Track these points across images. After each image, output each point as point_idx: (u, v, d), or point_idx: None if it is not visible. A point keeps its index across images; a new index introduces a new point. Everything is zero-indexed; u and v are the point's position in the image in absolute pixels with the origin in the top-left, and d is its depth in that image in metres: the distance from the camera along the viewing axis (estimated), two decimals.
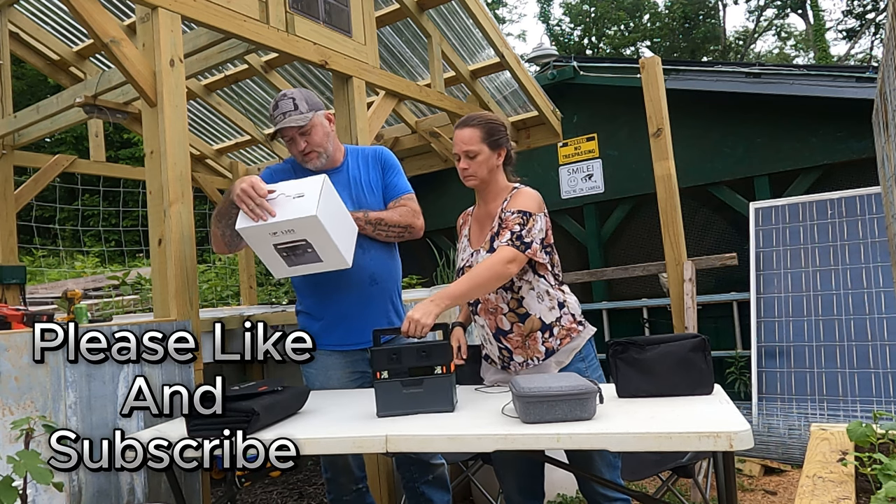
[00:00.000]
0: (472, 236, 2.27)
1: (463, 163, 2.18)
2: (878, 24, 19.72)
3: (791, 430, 4.00)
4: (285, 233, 2.05)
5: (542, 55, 7.18)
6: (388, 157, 2.51)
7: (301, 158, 2.36)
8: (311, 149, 2.33)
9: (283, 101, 2.30)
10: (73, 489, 1.96)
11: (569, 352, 2.14)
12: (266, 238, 2.08)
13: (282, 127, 2.29)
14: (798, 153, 5.21)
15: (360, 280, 2.31)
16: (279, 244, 2.08)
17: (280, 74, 4.68)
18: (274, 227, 2.05)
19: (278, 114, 2.29)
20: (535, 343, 2.13)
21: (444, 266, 5.61)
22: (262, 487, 3.91)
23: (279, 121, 2.29)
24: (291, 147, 2.35)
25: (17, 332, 1.94)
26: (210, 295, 7.08)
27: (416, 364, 1.82)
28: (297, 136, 2.31)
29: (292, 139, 2.32)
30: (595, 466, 2.08)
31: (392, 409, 1.82)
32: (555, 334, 2.13)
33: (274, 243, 2.08)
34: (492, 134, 2.16)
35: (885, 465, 1.36)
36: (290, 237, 2.05)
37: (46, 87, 12.88)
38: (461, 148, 2.16)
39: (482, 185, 2.21)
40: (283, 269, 2.17)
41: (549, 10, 24.44)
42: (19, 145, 4.29)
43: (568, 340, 2.14)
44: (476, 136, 2.15)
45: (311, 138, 2.32)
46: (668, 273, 3.88)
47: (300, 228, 2.03)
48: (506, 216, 2.11)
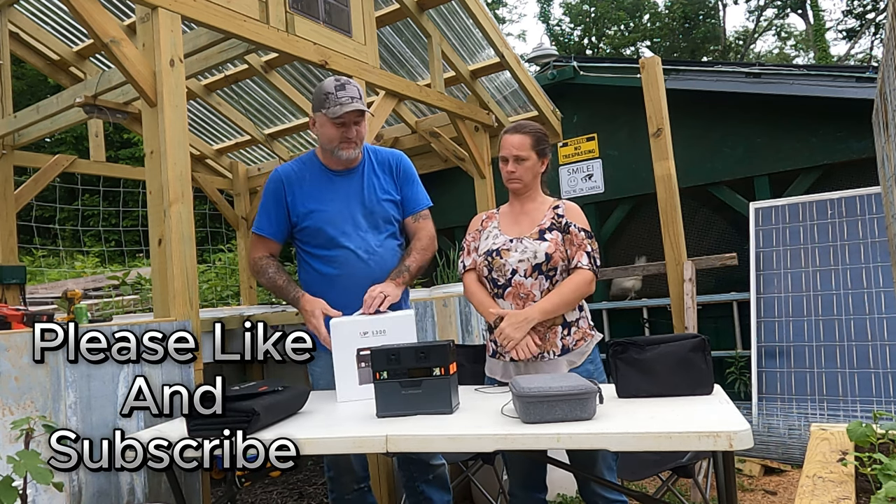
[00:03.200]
0: (504, 227, 2.35)
1: (511, 166, 2.30)
2: (878, 24, 19.71)
3: (791, 430, 4.00)
4: (376, 334, 2.08)
5: (542, 55, 7.18)
6: (405, 166, 2.49)
7: (339, 145, 2.32)
8: (357, 138, 2.32)
9: (350, 85, 2.29)
10: (73, 489, 1.96)
11: (581, 354, 2.21)
12: (353, 340, 2.09)
13: (349, 110, 2.25)
14: (798, 153, 5.21)
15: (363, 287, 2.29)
16: (363, 350, 2.07)
17: (280, 74, 4.68)
18: (367, 326, 2.10)
19: (345, 96, 2.26)
20: (555, 337, 2.18)
21: (444, 266, 5.61)
22: (262, 487, 3.91)
23: (345, 102, 2.25)
24: (337, 130, 2.30)
25: (17, 332, 1.94)
26: (210, 295, 7.08)
27: (414, 365, 1.83)
28: (353, 123, 2.29)
29: (345, 124, 2.29)
30: (598, 468, 2.10)
31: (391, 410, 1.82)
32: (572, 334, 2.21)
33: (359, 347, 2.08)
34: (540, 143, 2.31)
35: (885, 465, 1.36)
36: (378, 341, 2.06)
37: (46, 87, 12.87)
38: (511, 152, 2.29)
39: (527, 189, 2.33)
40: (352, 388, 2.10)
41: (549, 10, 24.44)
42: (19, 145, 4.29)
43: (582, 343, 2.22)
44: (527, 142, 2.28)
45: (361, 130, 2.33)
46: (669, 273, 3.88)
47: (392, 330, 2.07)
48: (573, 230, 2.24)
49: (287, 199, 2.37)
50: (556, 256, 2.18)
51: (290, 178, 2.38)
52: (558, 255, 2.19)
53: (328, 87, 2.29)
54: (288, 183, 2.38)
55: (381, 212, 2.39)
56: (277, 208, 2.38)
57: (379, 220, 2.39)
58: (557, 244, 2.20)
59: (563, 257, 2.20)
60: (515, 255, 2.21)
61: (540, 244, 2.20)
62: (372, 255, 2.34)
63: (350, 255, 2.33)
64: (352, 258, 2.33)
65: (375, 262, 2.34)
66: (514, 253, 2.22)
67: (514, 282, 2.20)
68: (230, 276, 7.48)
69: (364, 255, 2.33)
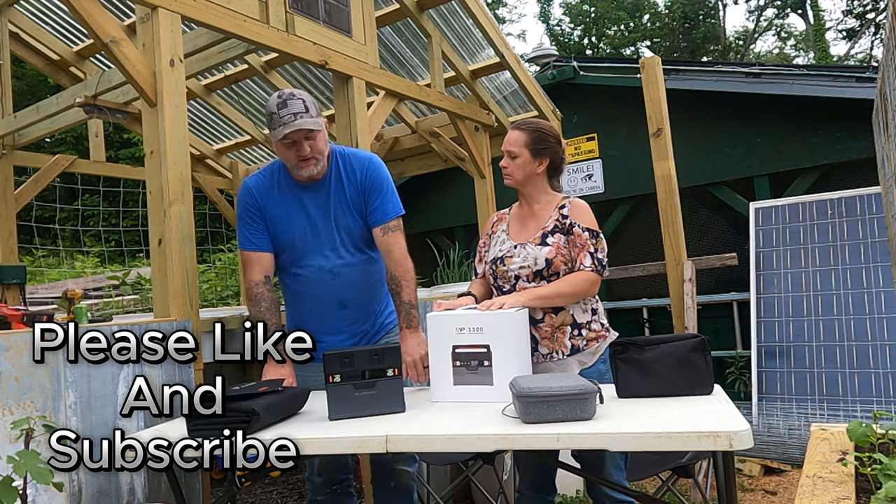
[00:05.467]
0: (512, 231, 2.34)
1: (504, 161, 2.30)
2: (878, 24, 19.71)
3: (791, 430, 4.00)
4: (472, 331, 2.00)
5: (542, 55, 7.18)
6: (372, 173, 2.32)
7: (297, 164, 2.20)
8: (312, 155, 2.18)
9: (293, 100, 2.14)
10: (73, 489, 1.96)
11: (593, 354, 2.19)
12: (449, 336, 2.02)
13: (291, 130, 2.11)
14: (798, 153, 5.21)
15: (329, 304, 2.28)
16: (459, 347, 2.00)
17: (280, 74, 4.68)
18: (464, 322, 2.02)
19: (287, 114, 2.12)
20: (563, 337, 2.18)
21: (444, 266, 5.61)
22: (262, 487, 3.91)
23: (288, 121, 2.11)
24: (289, 151, 2.18)
25: (17, 332, 1.94)
26: (210, 295, 7.08)
27: (368, 367, 1.87)
28: (303, 140, 2.15)
29: (295, 143, 2.15)
30: (606, 468, 2.10)
31: (344, 413, 1.85)
32: (583, 335, 2.19)
33: (454, 344, 2.01)
34: (537, 142, 2.27)
35: (885, 465, 1.36)
36: (474, 340, 1.99)
37: (46, 87, 12.87)
38: (506, 147, 2.29)
39: (519, 186, 2.32)
40: (446, 388, 2.02)
41: (549, 10, 24.44)
42: (19, 145, 4.28)
43: (594, 343, 2.20)
44: (521, 139, 2.27)
45: (316, 144, 2.18)
46: (669, 273, 3.88)
47: (490, 328, 1.98)
48: (577, 231, 2.21)
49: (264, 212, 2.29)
50: (556, 261, 2.18)
51: (261, 191, 2.29)
52: (559, 260, 2.18)
53: (271, 106, 2.16)
54: (259, 196, 2.29)
55: (348, 226, 2.29)
56: (257, 220, 2.29)
57: (345, 235, 2.29)
58: (559, 248, 2.19)
59: (565, 261, 2.19)
60: (517, 262, 2.22)
61: (541, 249, 2.20)
62: (338, 272, 2.27)
63: (316, 273, 2.27)
64: (318, 275, 2.27)
65: (344, 279, 2.27)
66: (517, 259, 2.23)
67: (517, 287, 2.21)
68: (230, 276, 7.48)
69: (331, 273, 2.26)
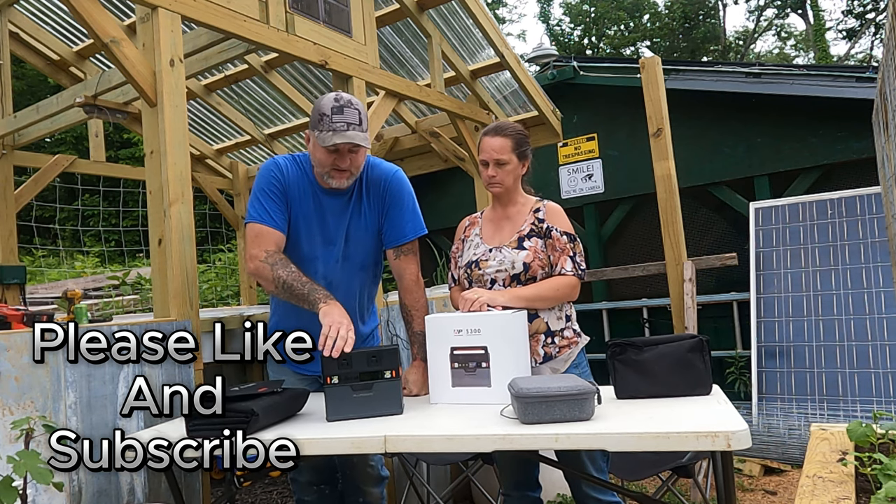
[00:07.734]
0: (485, 235, 2.31)
1: (491, 170, 2.23)
2: (878, 24, 19.70)
3: (791, 430, 4.01)
4: (471, 333, 1.98)
5: (542, 55, 7.18)
6: (393, 189, 2.21)
7: (330, 172, 2.07)
8: (349, 168, 2.07)
9: (350, 109, 2.01)
10: (73, 489, 1.96)
11: (565, 360, 2.19)
12: (446, 337, 1.99)
13: (342, 141, 1.98)
14: (798, 153, 5.21)
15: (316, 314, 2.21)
16: (457, 349, 1.98)
17: (280, 74, 4.68)
18: (462, 323, 1.99)
19: (341, 122, 1.98)
20: (537, 345, 2.17)
21: (443, 266, 5.61)
22: (262, 487, 3.91)
23: (340, 129, 1.98)
24: (328, 157, 2.04)
25: (17, 332, 1.94)
26: (210, 295, 7.09)
27: (366, 369, 1.87)
28: (347, 153, 2.04)
29: (339, 152, 2.03)
30: (585, 470, 2.09)
31: (342, 414, 1.85)
32: (556, 343, 2.18)
33: (452, 346, 1.98)
34: (520, 145, 2.26)
35: (885, 465, 1.36)
36: (472, 341, 1.97)
37: (46, 87, 12.86)
38: (492, 156, 2.22)
39: (506, 192, 2.27)
40: (444, 390, 1.99)
41: (549, 10, 24.44)
42: (19, 145, 4.29)
43: (567, 350, 2.19)
44: (507, 145, 2.22)
45: (356, 159, 2.07)
46: (669, 273, 3.88)
47: (488, 330, 1.96)
48: (555, 235, 2.18)
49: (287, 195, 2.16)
50: (534, 265, 2.15)
51: (290, 176, 2.17)
52: (537, 264, 2.16)
53: (325, 106, 2.02)
54: (287, 179, 2.16)
55: (358, 240, 2.21)
56: (280, 198, 2.13)
57: (353, 248, 2.21)
58: (537, 252, 2.17)
59: (542, 265, 2.16)
60: (493, 265, 2.19)
61: (518, 253, 2.17)
62: (337, 285, 2.17)
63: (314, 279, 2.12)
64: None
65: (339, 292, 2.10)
66: (493, 262, 2.20)
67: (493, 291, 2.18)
68: (230, 276, 7.49)
69: (329, 284, 2.15)
